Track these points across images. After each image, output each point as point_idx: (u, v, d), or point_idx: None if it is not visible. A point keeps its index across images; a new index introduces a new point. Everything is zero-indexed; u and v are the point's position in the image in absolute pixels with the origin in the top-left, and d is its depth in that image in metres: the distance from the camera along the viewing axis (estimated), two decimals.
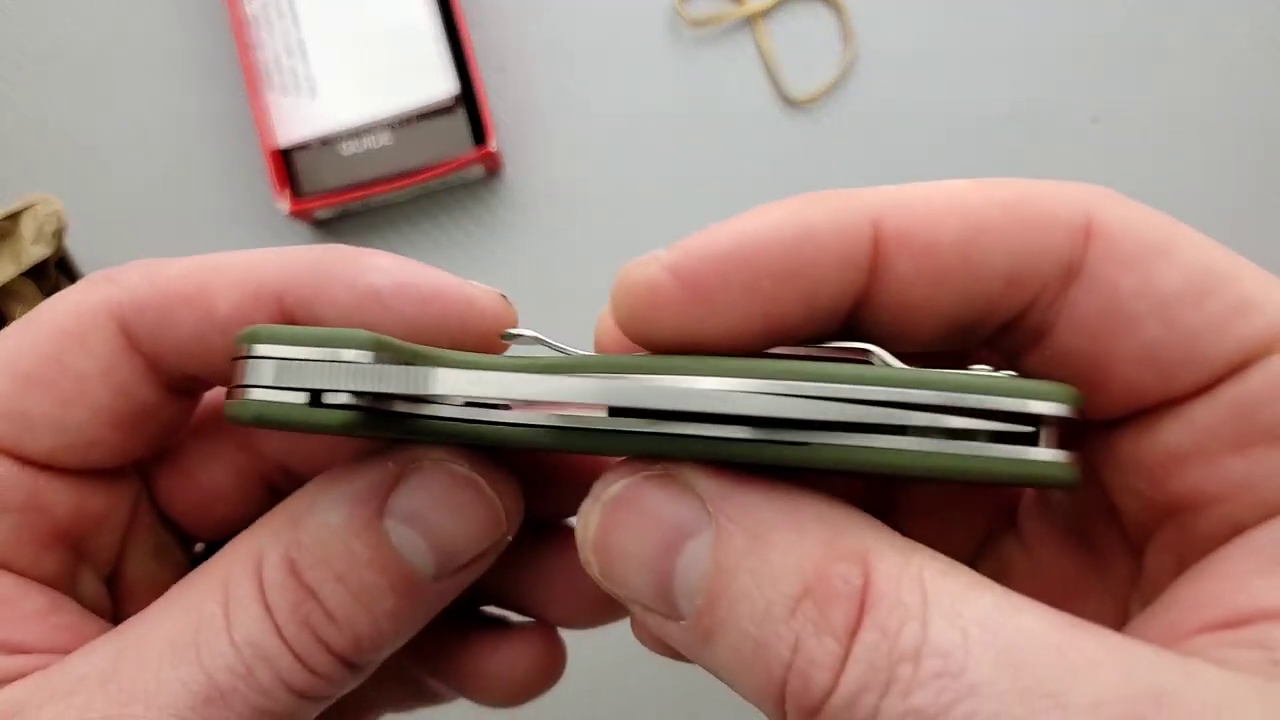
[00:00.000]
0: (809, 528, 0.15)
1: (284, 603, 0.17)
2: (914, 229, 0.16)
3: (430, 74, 0.45)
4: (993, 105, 0.49)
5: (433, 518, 0.18)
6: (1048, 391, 0.16)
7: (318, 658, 0.17)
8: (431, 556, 0.18)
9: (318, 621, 0.17)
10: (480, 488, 0.18)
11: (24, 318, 0.19)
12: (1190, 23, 0.49)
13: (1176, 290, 0.16)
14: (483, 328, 0.19)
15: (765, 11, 0.49)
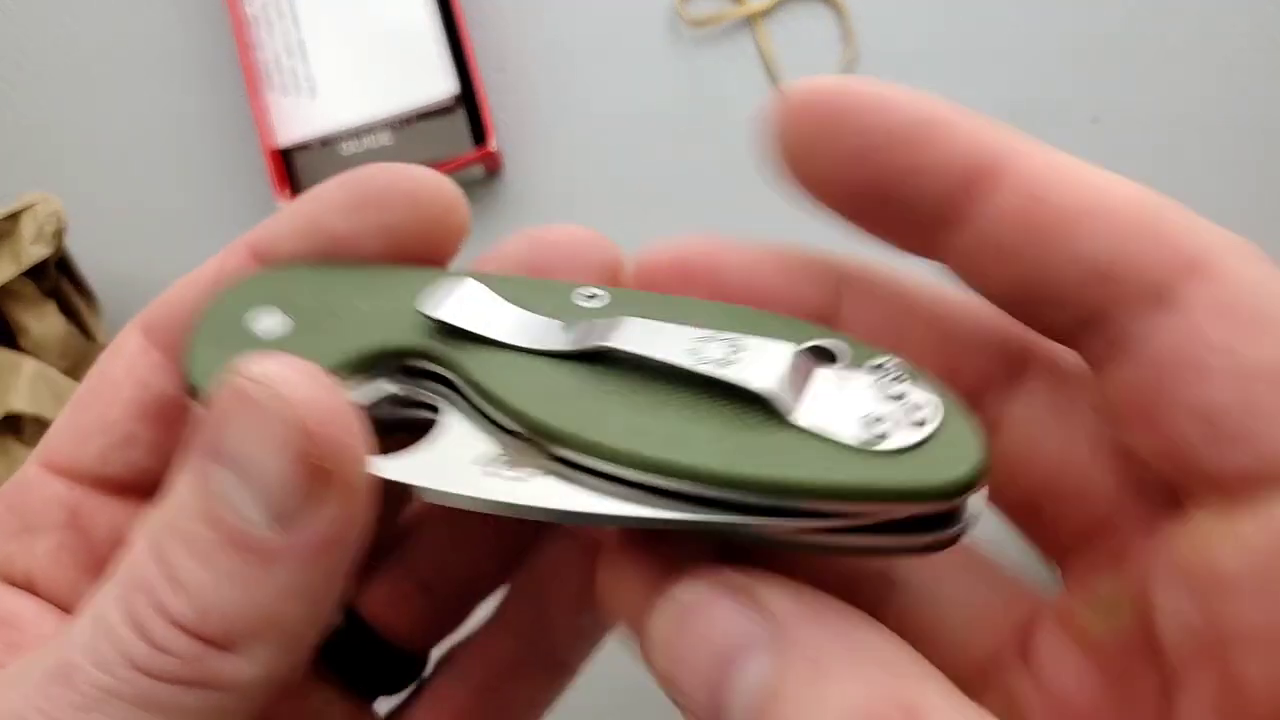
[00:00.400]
0: (867, 666, 0.14)
1: (135, 568, 0.16)
2: (1033, 173, 0.17)
3: (430, 74, 0.45)
4: (993, 105, 0.49)
5: (232, 443, 0.15)
6: (917, 491, 0.15)
7: (157, 627, 0.16)
8: (253, 497, 0.15)
9: (158, 585, 0.16)
10: (242, 390, 0.15)
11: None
12: (1191, 23, 0.49)
13: (1269, 366, 0.14)
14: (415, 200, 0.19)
15: (765, 11, 0.49)
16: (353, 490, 0.16)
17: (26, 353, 0.41)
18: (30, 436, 0.39)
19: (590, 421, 0.17)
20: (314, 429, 0.15)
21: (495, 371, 0.18)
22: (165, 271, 0.52)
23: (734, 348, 0.17)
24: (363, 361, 0.18)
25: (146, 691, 0.15)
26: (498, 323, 0.18)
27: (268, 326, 0.19)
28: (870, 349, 0.17)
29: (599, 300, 0.19)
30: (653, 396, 0.17)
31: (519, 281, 0.19)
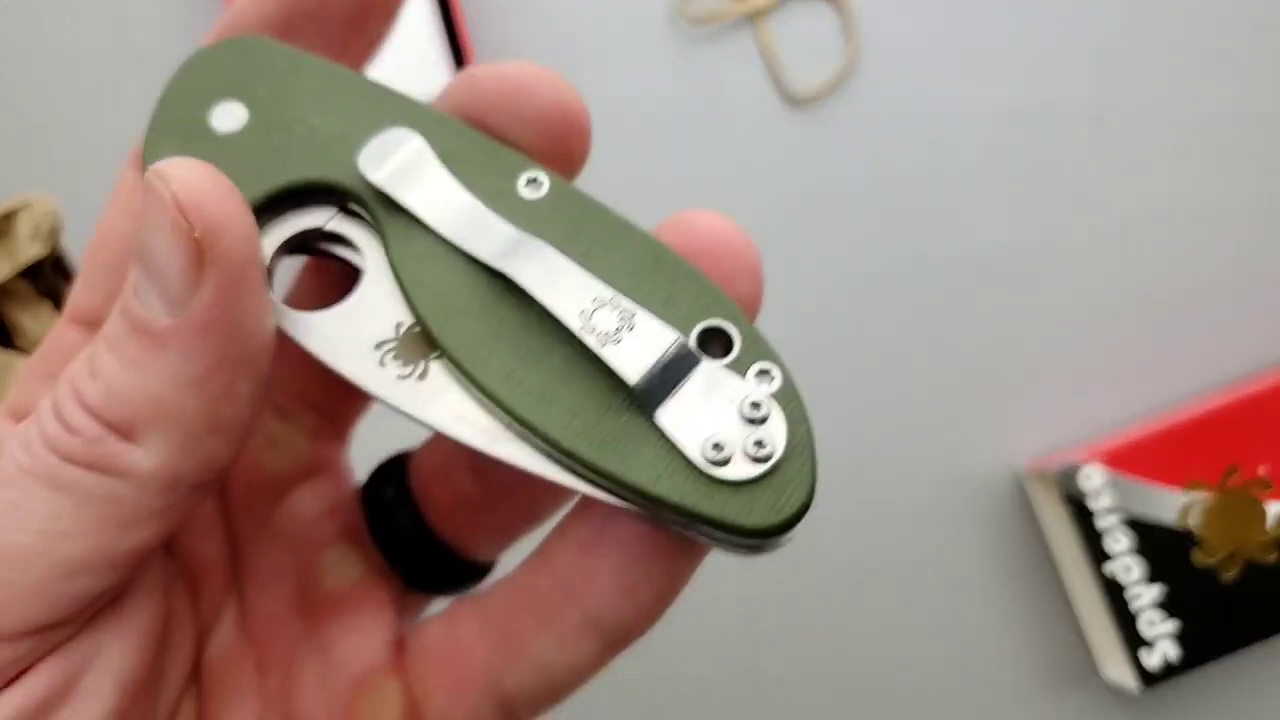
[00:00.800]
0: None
1: (72, 364, 0.17)
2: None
3: (429, 71, 0.45)
4: (996, 103, 0.49)
5: (138, 235, 0.16)
6: (731, 526, 0.16)
7: (69, 409, 0.17)
8: (151, 285, 0.16)
9: (78, 374, 0.17)
10: (150, 186, 0.16)
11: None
12: (1194, 22, 0.49)
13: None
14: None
15: (767, 9, 0.49)
16: (235, 271, 0.16)
17: (22, 352, 0.40)
18: None
19: (476, 352, 0.17)
20: (189, 203, 0.16)
21: (411, 258, 0.18)
22: None
23: (625, 322, 0.17)
24: (297, 189, 0.19)
25: (53, 469, 0.16)
26: (430, 203, 0.18)
27: (223, 119, 0.19)
28: (763, 348, 0.17)
29: (539, 189, 0.19)
30: (540, 340, 0.18)
31: (469, 142, 0.19)
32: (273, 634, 0.21)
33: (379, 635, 0.21)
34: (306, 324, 0.18)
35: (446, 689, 0.20)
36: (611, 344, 0.17)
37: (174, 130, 0.19)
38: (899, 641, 0.46)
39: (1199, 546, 0.43)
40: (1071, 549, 0.45)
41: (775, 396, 0.17)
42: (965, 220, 0.48)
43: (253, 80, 0.19)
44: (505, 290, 0.18)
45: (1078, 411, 0.47)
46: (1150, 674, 0.42)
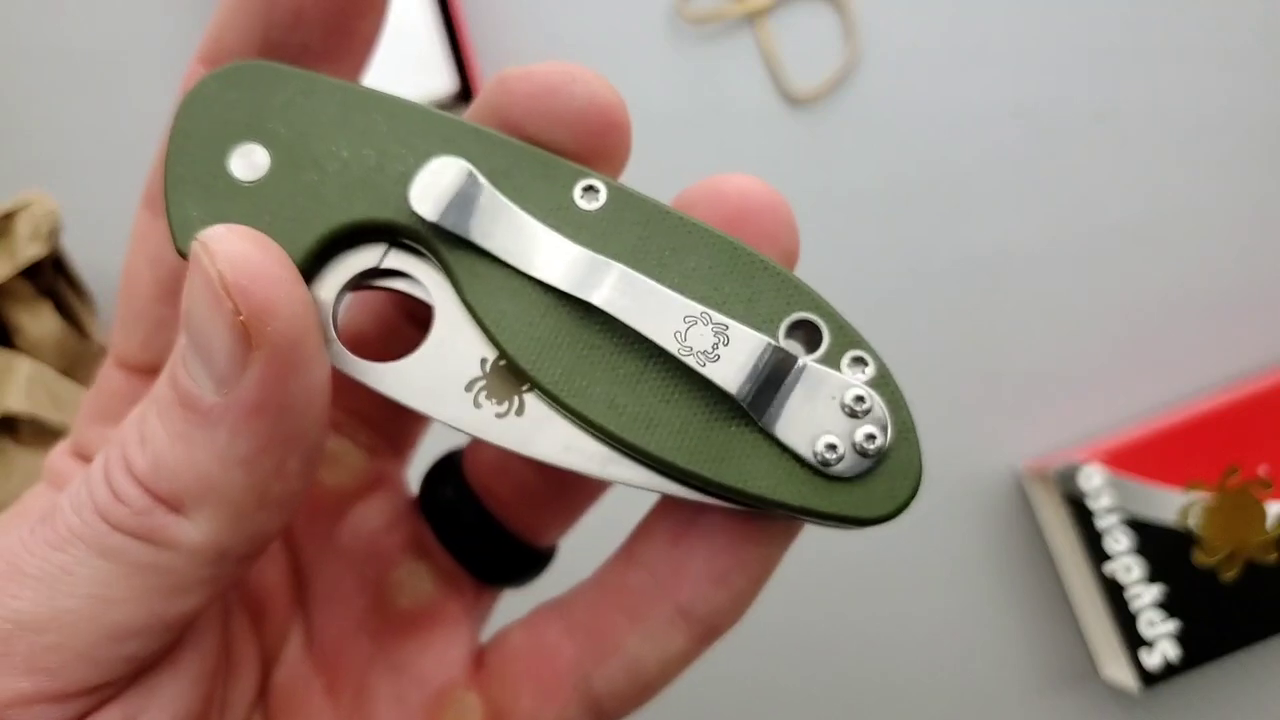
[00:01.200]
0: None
1: (121, 429, 0.17)
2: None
3: (430, 71, 0.45)
4: (996, 102, 0.49)
5: (186, 310, 0.16)
6: (850, 519, 0.17)
7: (119, 478, 0.17)
8: (199, 360, 0.16)
9: (130, 442, 0.17)
10: (197, 259, 0.16)
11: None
12: (1195, 20, 0.49)
13: None
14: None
15: (766, 9, 0.49)
16: (284, 354, 0.16)
17: (22, 353, 0.40)
18: (26, 437, 0.39)
19: (573, 384, 0.17)
20: (236, 284, 0.15)
21: (485, 293, 0.17)
22: None
23: (719, 337, 0.17)
24: (346, 232, 0.18)
25: (103, 537, 0.16)
26: (496, 235, 0.18)
27: (245, 165, 0.18)
28: (852, 334, 0.18)
29: (596, 197, 0.18)
30: (634, 364, 0.17)
31: (514, 156, 0.18)
32: (342, 654, 0.21)
33: (456, 649, 0.21)
34: (393, 375, 0.18)
35: (534, 694, 0.20)
36: (710, 362, 0.17)
37: (194, 182, 0.18)
38: (899, 641, 0.46)
39: (1199, 546, 0.43)
40: (1072, 549, 0.45)
41: (873, 384, 0.17)
42: (965, 220, 0.48)
43: (265, 114, 0.18)
44: (588, 315, 0.17)
45: (1077, 412, 0.47)
46: (1150, 674, 0.42)
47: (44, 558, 0.16)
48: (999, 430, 0.47)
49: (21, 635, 0.16)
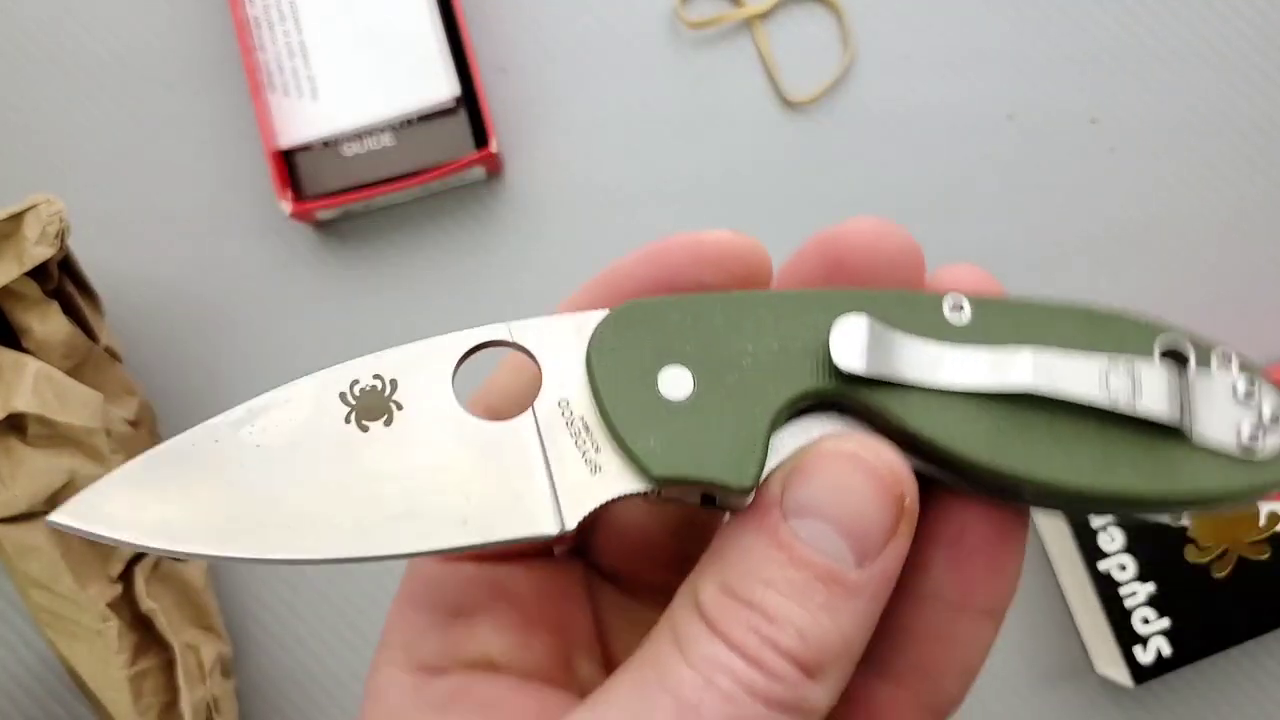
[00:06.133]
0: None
1: (724, 617, 0.19)
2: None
3: (431, 76, 0.46)
4: (991, 107, 0.49)
5: (825, 503, 0.19)
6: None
7: (768, 656, 0.18)
8: (844, 542, 0.19)
9: (758, 623, 0.19)
10: (862, 461, 0.19)
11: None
12: (1190, 24, 0.50)
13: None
14: (722, 263, 0.21)
15: (764, 14, 0.49)
16: (912, 525, 0.20)
17: (30, 353, 0.41)
18: (33, 436, 0.40)
19: (1033, 461, 0.20)
20: (904, 479, 0.19)
21: (922, 418, 0.20)
22: (168, 271, 0.52)
23: (1131, 377, 0.20)
24: (780, 414, 0.20)
25: (759, 716, 0.18)
26: (912, 365, 0.20)
27: (673, 388, 0.20)
28: (1203, 339, 0.21)
29: (965, 311, 0.21)
30: (1070, 427, 0.20)
31: (879, 299, 0.21)
32: None
33: None
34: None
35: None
36: (1138, 400, 0.20)
37: (639, 415, 0.20)
38: None
39: (1191, 544, 0.43)
40: (1065, 546, 0.45)
41: (1248, 369, 0.20)
42: (960, 224, 0.49)
43: (669, 339, 0.20)
44: (1014, 403, 0.20)
45: None
46: (1143, 669, 0.43)
47: None
48: None
49: None
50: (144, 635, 0.41)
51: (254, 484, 0.19)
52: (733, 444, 0.19)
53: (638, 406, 0.20)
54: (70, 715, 0.46)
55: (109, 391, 0.43)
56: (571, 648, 0.24)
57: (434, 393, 0.20)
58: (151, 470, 0.19)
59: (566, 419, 0.20)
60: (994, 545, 0.22)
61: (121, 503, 0.19)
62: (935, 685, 0.23)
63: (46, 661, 0.45)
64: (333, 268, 0.48)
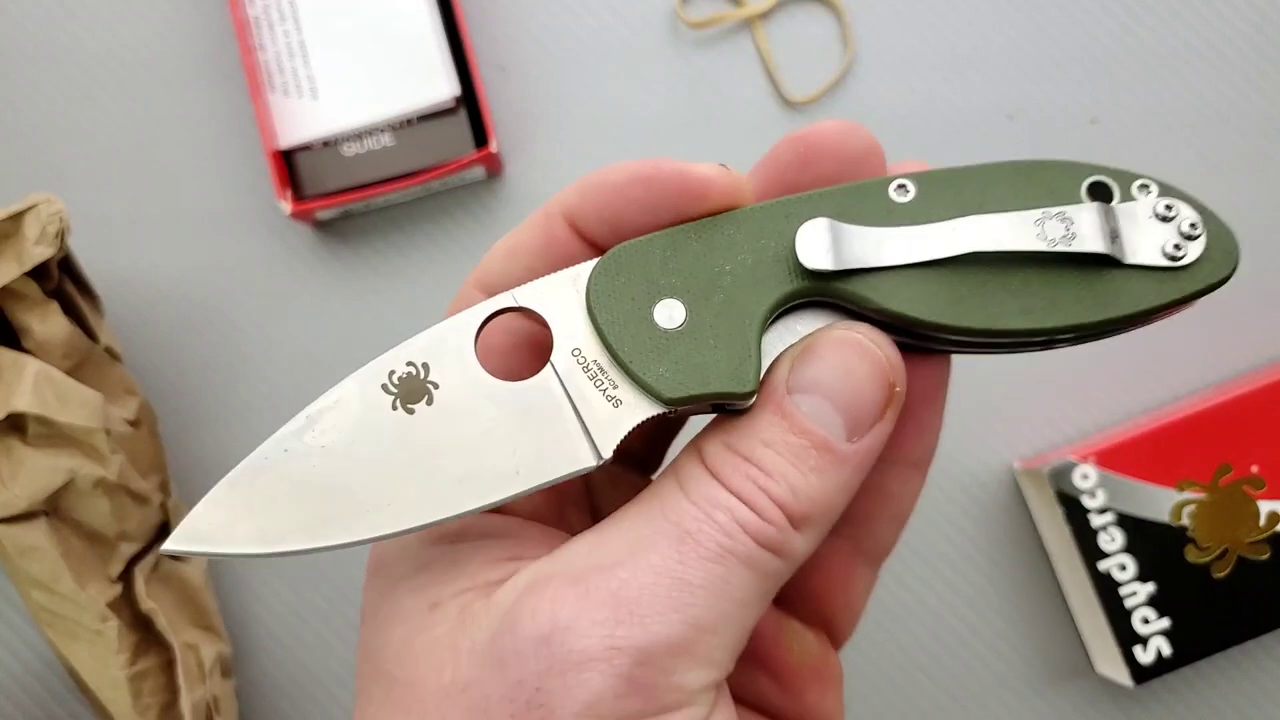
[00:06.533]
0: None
1: (725, 466, 0.22)
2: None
3: (431, 76, 0.46)
4: (991, 107, 0.49)
5: (827, 381, 0.22)
6: (1214, 286, 0.23)
7: (762, 502, 0.21)
8: (839, 418, 0.22)
9: (755, 474, 0.21)
10: (866, 349, 0.22)
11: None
12: (1190, 24, 0.50)
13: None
14: (707, 197, 0.23)
15: (764, 13, 0.49)
16: (899, 409, 0.22)
17: (30, 353, 0.41)
18: (33, 436, 0.40)
19: (989, 315, 0.22)
20: (897, 367, 0.22)
21: (888, 297, 0.22)
22: (168, 272, 0.52)
23: (1065, 221, 0.22)
24: (765, 320, 0.22)
25: (749, 551, 0.21)
26: (875, 251, 0.22)
27: (669, 318, 0.22)
28: (1127, 173, 0.23)
29: (909, 191, 0.23)
30: (1018, 276, 0.22)
31: (834, 195, 0.23)
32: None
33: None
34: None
35: (842, 610, 0.27)
36: (1074, 240, 0.22)
37: (646, 350, 0.22)
38: (895, 637, 0.47)
39: (1191, 544, 0.43)
40: (1066, 547, 0.45)
41: (1167, 193, 0.23)
42: None
43: (654, 276, 0.22)
44: (965, 264, 0.22)
45: (1071, 411, 0.48)
46: (1143, 669, 0.43)
47: (706, 571, 0.20)
48: (994, 430, 0.48)
49: (700, 636, 0.20)
50: (144, 635, 0.41)
51: (328, 480, 0.21)
52: (729, 357, 0.22)
53: (641, 341, 0.22)
54: (70, 715, 0.46)
55: (109, 391, 0.43)
56: (565, 502, 0.26)
57: (462, 367, 0.22)
58: (235, 490, 0.21)
59: (582, 365, 0.22)
60: (919, 404, 0.24)
61: (218, 522, 0.21)
62: (869, 532, 0.26)
63: (46, 661, 0.45)
64: (333, 268, 0.48)
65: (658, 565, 0.20)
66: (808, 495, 0.21)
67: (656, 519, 0.21)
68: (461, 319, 0.23)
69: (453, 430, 0.22)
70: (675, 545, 0.21)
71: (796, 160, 0.24)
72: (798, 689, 0.26)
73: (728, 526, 0.21)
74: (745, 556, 0.21)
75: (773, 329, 0.23)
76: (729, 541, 0.21)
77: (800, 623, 0.27)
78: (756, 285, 0.22)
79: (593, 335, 0.22)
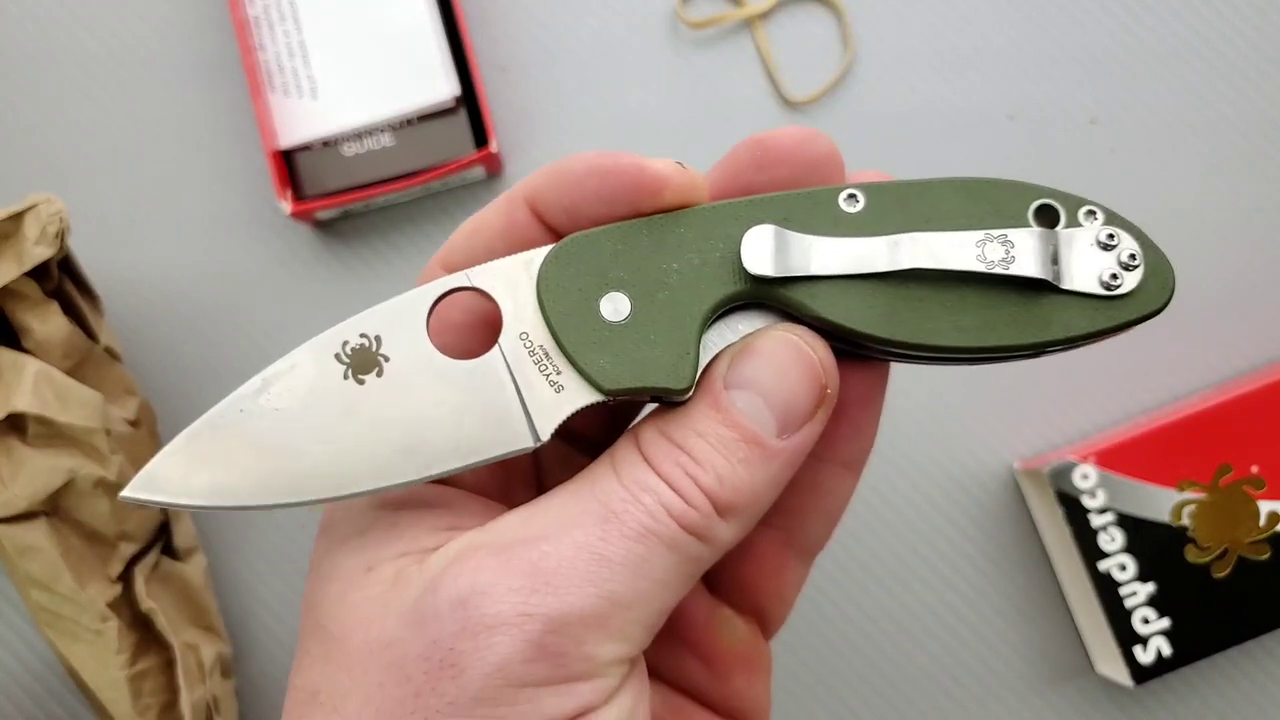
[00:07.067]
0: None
1: (658, 452, 0.22)
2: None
3: (431, 76, 0.46)
4: (991, 107, 0.49)
5: (762, 379, 0.22)
6: (1148, 316, 0.23)
7: (689, 488, 0.22)
8: (771, 414, 0.22)
9: (685, 462, 0.22)
10: (801, 351, 0.23)
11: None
12: (1190, 24, 0.50)
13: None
14: (662, 193, 0.23)
15: (764, 13, 0.49)
16: (829, 411, 0.23)
17: (30, 353, 0.41)
18: (33, 436, 0.40)
19: (921, 330, 0.23)
20: (829, 368, 0.23)
21: (826, 305, 0.23)
22: (169, 271, 0.52)
23: (1006, 244, 0.23)
24: (706, 319, 0.23)
25: (672, 533, 0.22)
26: (817, 260, 0.23)
27: (614, 311, 0.23)
28: (1075, 198, 0.23)
29: (859, 201, 0.23)
30: (954, 295, 0.23)
31: (785, 202, 0.23)
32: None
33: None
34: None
35: (773, 600, 0.28)
36: (1012, 264, 0.22)
37: (588, 339, 0.23)
38: (895, 637, 0.47)
39: (1191, 544, 0.43)
40: (1066, 547, 0.45)
41: (1111, 222, 0.23)
42: None
43: (603, 269, 0.23)
44: (904, 279, 0.23)
45: (1071, 411, 0.48)
46: (1143, 669, 0.43)
47: (627, 549, 0.21)
48: (994, 430, 0.48)
49: (615, 611, 0.21)
50: (144, 635, 0.41)
51: (280, 442, 0.22)
52: (669, 354, 0.23)
53: (585, 332, 0.23)
54: (70, 715, 0.46)
55: (109, 391, 0.43)
56: (511, 476, 0.27)
57: (413, 342, 0.23)
58: (194, 443, 0.22)
59: (529, 349, 0.23)
60: (855, 408, 0.25)
61: (176, 473, 0.22)
62: (801, 526, 0.27)
63: (46, 661, 0.45)
64: (333, 268, 0.48)
65: (580, 540, 0.21)
66: (734, 485, 0.22)
67: (586, 498, 0.22)
68: (415, 295, 0.23)
69: (399, 403, 0.23)
70: (600, 523, 0.22)
71: (753, 163, 0.24)
72: (726, 674, 0.27)
73: (652, 508, 0.22)
74: (667, 539, 0.22)
75: (715, 327, 0.23)
76: (652, 523, 0.22)
77: (732, 610, 0.28)
78: (701, 285, 0.23)
79: (540, 321, 0.23)
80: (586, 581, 0.21)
